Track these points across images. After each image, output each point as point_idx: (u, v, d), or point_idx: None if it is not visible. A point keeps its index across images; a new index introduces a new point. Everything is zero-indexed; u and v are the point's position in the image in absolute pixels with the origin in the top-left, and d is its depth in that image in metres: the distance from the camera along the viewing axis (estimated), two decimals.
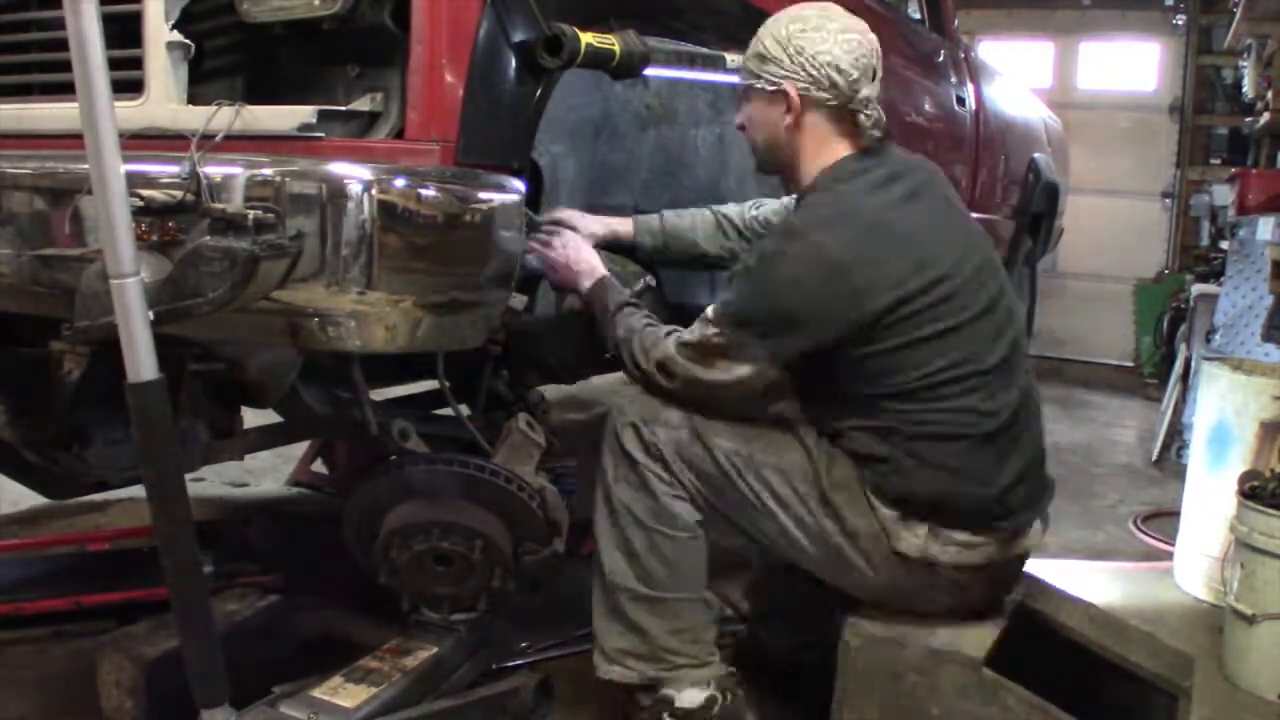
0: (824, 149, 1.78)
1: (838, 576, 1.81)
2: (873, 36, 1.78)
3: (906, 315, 1.66)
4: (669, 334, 1.80)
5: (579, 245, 1.92)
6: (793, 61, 1.73)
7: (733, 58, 2.02)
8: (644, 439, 1.77)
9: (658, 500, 1.77)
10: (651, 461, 1.77)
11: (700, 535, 1.81)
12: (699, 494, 1.79)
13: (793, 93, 1.74)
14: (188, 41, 1.61)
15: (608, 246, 2.11)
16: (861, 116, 1.75)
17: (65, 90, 1.41)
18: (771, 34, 1.76)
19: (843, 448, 1.76)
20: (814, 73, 1.72)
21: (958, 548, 1.72)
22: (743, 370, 1.72)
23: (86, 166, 1.34)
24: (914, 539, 1.71)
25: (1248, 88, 5.44)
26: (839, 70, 1.72)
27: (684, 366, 1.76)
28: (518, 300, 1.76)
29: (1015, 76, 5.14)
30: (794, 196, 1.90)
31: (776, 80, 1.75)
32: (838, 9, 1.80)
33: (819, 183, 1.78)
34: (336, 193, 1.43)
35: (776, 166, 1.87)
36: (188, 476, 1.61)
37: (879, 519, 1.72)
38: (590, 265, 1.90)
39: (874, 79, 1.77)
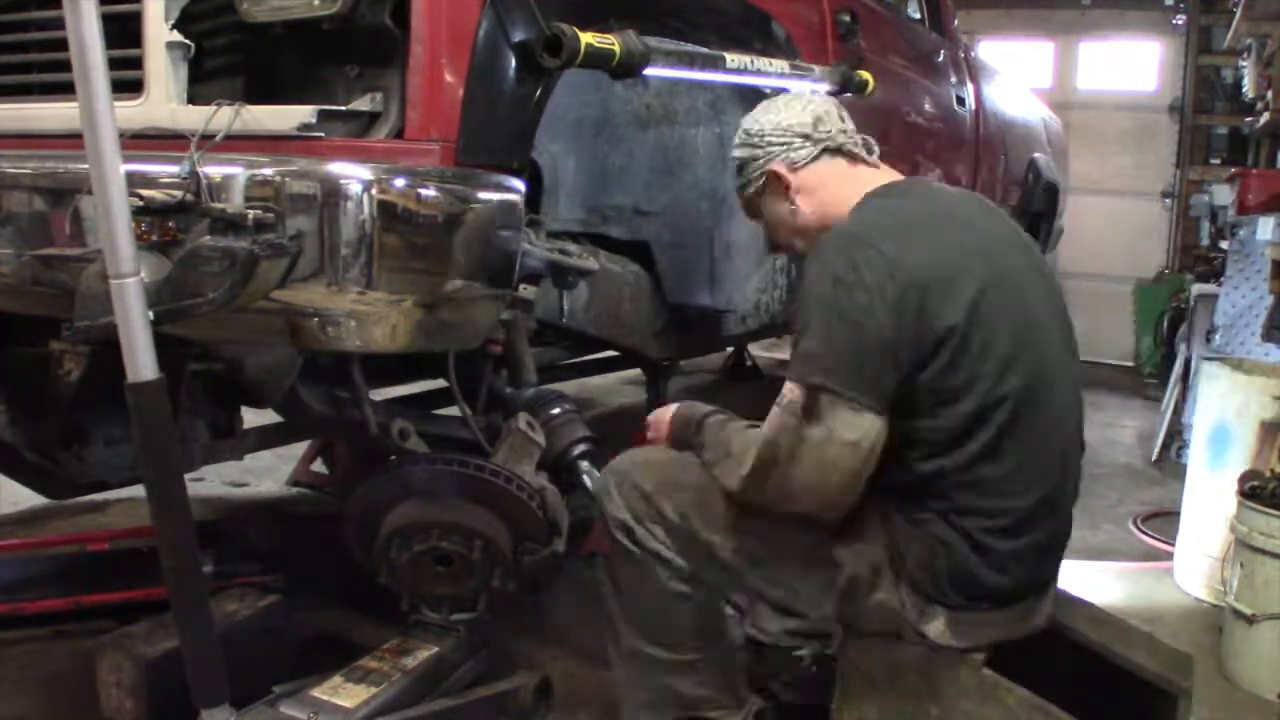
0: (841, 195, 1.72)
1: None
2: (824, 99, 1.85)
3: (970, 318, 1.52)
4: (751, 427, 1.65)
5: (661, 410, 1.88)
6: (761, 147, 1.77)
7: (733, 58, 2.03)
8: (639, 539, 1.70)
9: (662, 585, 1.71)
10: (650, 557, 1.70)
11: (709, 595, 1.75)
12: (702, 579, 1.72)
13: (779, 169, 1.76)
14: (188, 41, 1.61)
15: (604, 244, 2.11)
16: (849, 147, 1.76)
17: (65, 90, 1.41)
18: (735, 144, 1.83)
19: (884, 529, 1.63)
20: (783, 139, 1.76)
21: (975, 629, 1.65)
22: (850, 420, 1.50)
23: (86, 166, 1.34)
24: (937, 625, 1.64)
25: (1248, 88, 5.44)
26: (799, 123, 1.75)
27: (786, 440, 1.53)
28: (531, 291, 1.77)
29: (1015, 76, 5.14)
30: None
31: (761, 170, 1.77)
32: (781, 96, 1.87)
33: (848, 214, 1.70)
34: (336, 193, 1.43)
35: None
36: (188, 476, 1.61)
37: (901, 598, 1.64)
38: (667, 411, 1.85)
39: (843, 120, 1.78)
